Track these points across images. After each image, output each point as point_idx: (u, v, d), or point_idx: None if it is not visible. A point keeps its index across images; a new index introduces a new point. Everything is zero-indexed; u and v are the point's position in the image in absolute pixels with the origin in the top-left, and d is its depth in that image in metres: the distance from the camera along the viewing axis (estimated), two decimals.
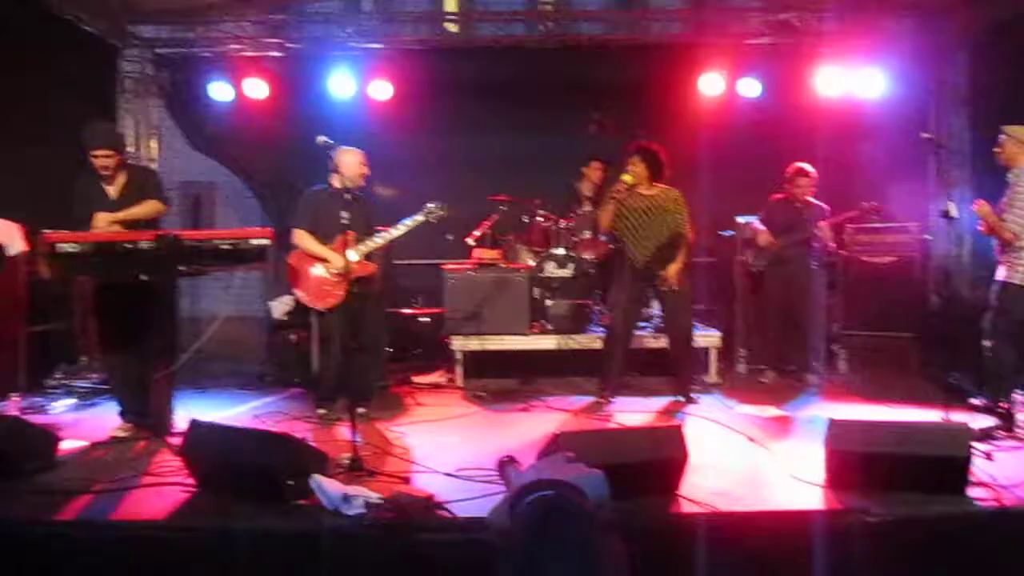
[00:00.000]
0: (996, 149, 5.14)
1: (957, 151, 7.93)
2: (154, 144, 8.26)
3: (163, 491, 3.80)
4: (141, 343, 4.80)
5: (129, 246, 4.50)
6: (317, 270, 5.37)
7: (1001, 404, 4.83)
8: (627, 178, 5.70)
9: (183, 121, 8.41)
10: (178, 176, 8.77)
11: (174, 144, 8.57)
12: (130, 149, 7.40)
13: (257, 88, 7.79)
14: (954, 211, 4.87)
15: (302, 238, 5.40)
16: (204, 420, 4.08)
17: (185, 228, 7.72)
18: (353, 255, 5.27)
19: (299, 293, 5.45)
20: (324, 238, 5.39)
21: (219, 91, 7.84)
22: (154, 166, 7.78)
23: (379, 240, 5.48)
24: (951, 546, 3.38)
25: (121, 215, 4.82)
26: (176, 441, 4.24)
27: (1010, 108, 6.23)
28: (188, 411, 4.69)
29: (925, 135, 5.33)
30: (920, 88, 7.97)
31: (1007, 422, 4.67)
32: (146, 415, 4.85)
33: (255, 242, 4.68)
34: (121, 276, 4.64)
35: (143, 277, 4.58)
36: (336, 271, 5.29)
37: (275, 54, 7.98)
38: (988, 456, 4.15)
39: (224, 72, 7.82)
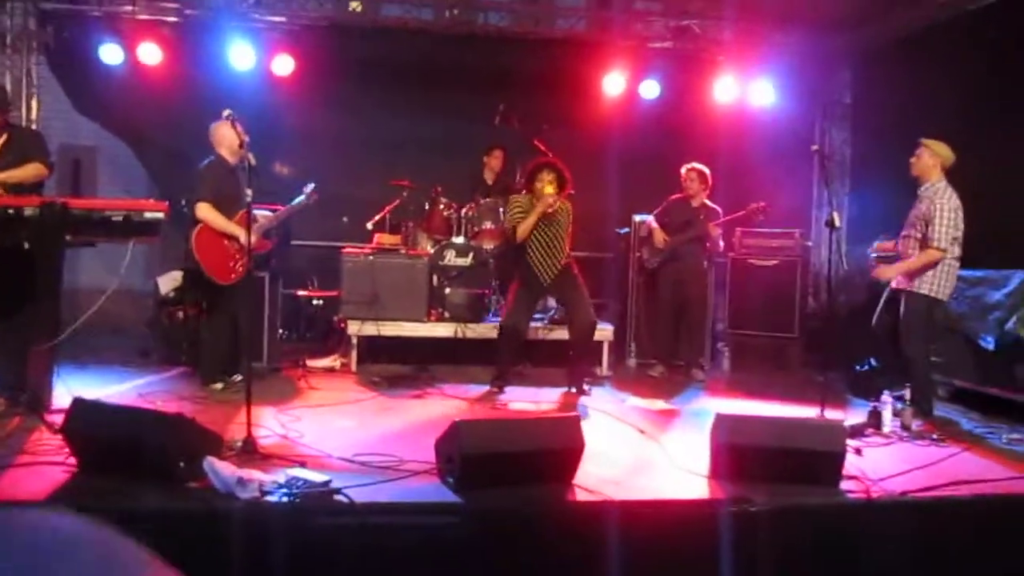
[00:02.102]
0: (911, 159, 5.31)
1: (838, 163, 8.40)
2: (34, 103, 7.79)
3: (42, 470, 3.61)
4: (20, 314, 4.55)
5: (12, 212, 4.26)
6: (223, 244, 5.34)
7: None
8: (551, 189, 5.75)
9: (68, 82, 7.95)
10: (59, 137, 8.31)
11: (55, 105, 8.10)
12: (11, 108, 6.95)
13: (151, 53, 7.45)
14: (838, 221, 5.15)
15: (208, 211, 5.35)
16: (89, 398, 3.91)
17: (64, 193, 7.38)
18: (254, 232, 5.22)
19: (204, 267, 5.35)
20: (226, 214, 5.39)
21: (109, 53, 7.45)
22: (34, 126, 7.35)
23: (270, 218, 5.55)
24: (825, 534, 3.61)
25: (1, 176, 4.54)
26: (55, 419, 4.04)
27: (890, 126, 6.66)
28: (68, 388, 4.48)
29: (814, 147, 5.61)
30: (807, 101, 8.40)
31: (875, 420, 4.98)
32: (22, 390, 4.59)
33: (149, 215, 4.52)
34: (1, 243, 4.38)
35: (26, 245, 4.34)
36: (243, 246, 5.21)
37: (171, 19, 7.66)
38: (858, 451, 4.44)
39: (115, 34, 7.43)
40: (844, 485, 3.86)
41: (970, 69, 6.39)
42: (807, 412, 5.20)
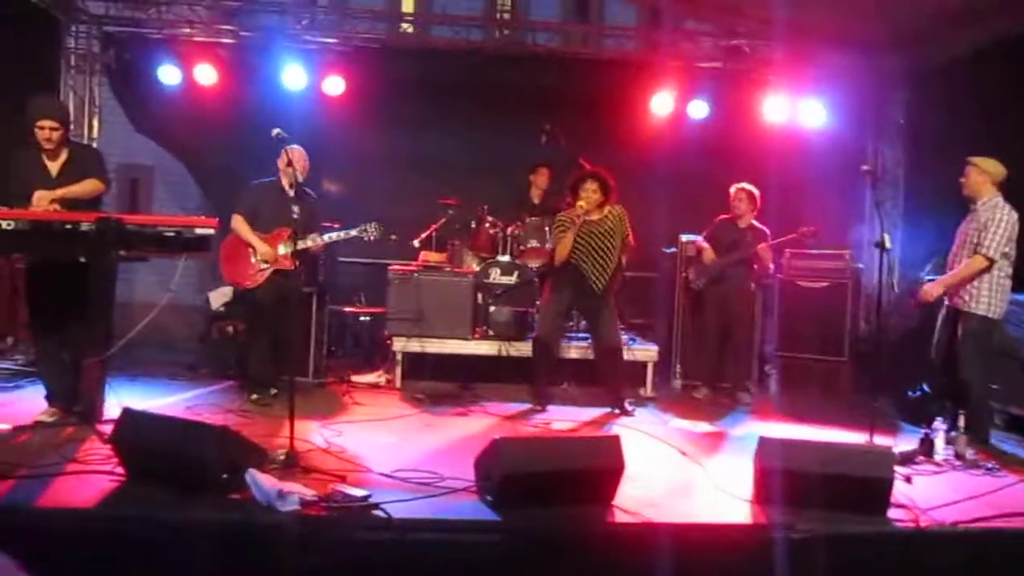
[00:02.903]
0: (961, 179, 5.29)
1: (891, 184, 8.24)
2: (96, 123, 8.05)
3: (91, 479, 3.70)
4: (74, 327, 4.68)
5: (69, 226, 4.38)
6: (245, 253, 5.65)
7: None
8: (583, 204, 5.76)
9: (127, 102, 8.20)
10: (118, 157, 8.57)
11: (116, 124, 8.36)
12: (73, 127, 7.18)
13: (207, 74, 7.64)
14: (888, 242, 5.06)
15: (238, 223, 5.67)
16: (138, 409, 4.00)
17: (122, 210, 7.57)
18: (282, 248, 5.63)
19: (223, 270, 5.74)
20: (262, 229, 5.68)
21: (167, 74, 7.66)
22: (94, 145, 7.58)
23: (310, 241, 5.71)
24: (871, 564, 3.51)
25: (61, 192, 4.69)
26: (106, 429, 4.14)
27: (943, 146, 6.52)
28: (119, 399, 4.58)
29: (865, 168, 5.53)
30: (860, 121, 8.26)
31: (927, 448, 4.85)
32: (74, 401, 4.72)
33: (199, 231, 4.62)
34: (58, 256, 4.52)
35: (81, 259, 4.46)
36: (260, 259, 5.63)
37: (227, 41, 7.86)
38: (908, 479, 4.32)
39: (173, 55, 7.65)
40: (892, 513, 3.76)
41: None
42: (856, 438, 5.09)
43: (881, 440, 4.84)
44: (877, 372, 6.28)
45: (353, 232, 5.86)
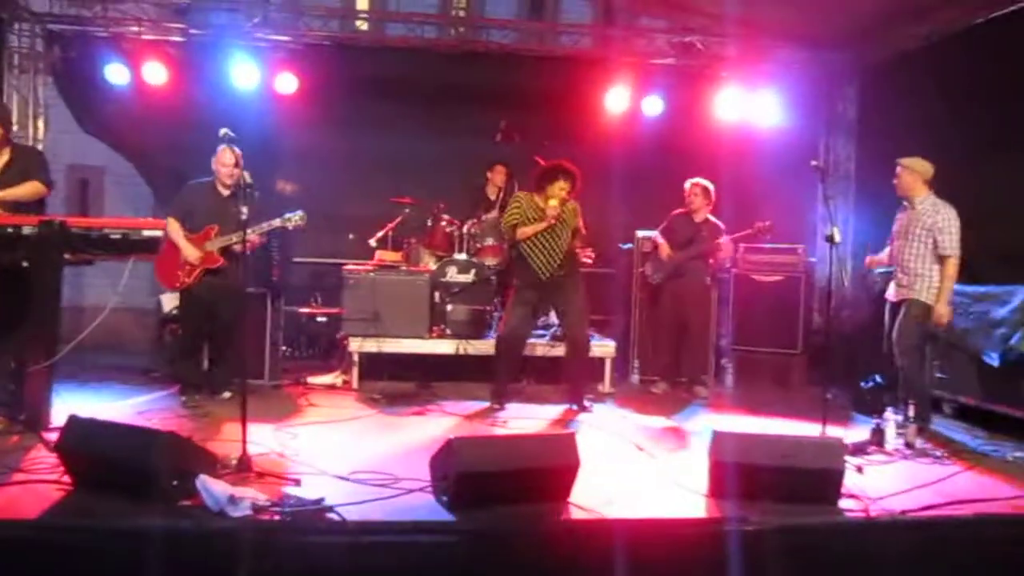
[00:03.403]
0: (894, 181, 5.53)
1: (843, 178, 8.36)
2: (40, 124, 7.85)
3: (37, 488, 3.62)
4: (17, 332, 4.57)
5: (11, 230, 4.29)
6: (174, 254, 5.60)
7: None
8: (555, 204, 5.76)
9: (74, 102, 8.00)
10: (66, 159, 8.39)
11: (62, 125, 8.16)
12: (15, 128, 6.99)
13: (156, 73, 7.49)
14: (837, 236, 5.14)
15: (170, 225, 5.62)
16: (84, 416, 3.91)
17: (72, 212, 7.43)
18: (208, 246, 5.60)
19: (155, 273, 5.72)
20: (194, 228, 5.67)
21: (115, 73, 7.50)
22: (40, 147, 7.39)
23: (235, 237, 5.55)
24: (823, 554, 3.55)
25: (1, 195, 4.58)
26: (52, 437, 4.05)
27: (894, 140, 6.62)
28: (67, 406, 4.48)
29: (814, 163, 5.61)
30: (812, 117, 8.36)
31: (878, 438, 4.93)
32: (19, 408, 4.60)
33: (147, 233, 4.58)
34: (0, 261, 4.41)
35: (24, 263, 4.36)
36: (185, 259, 5.58)
37: (176, 39, 7.72)
38: (859, 469, 4.39)
39: (121, 54, 7.48)
40: (844, 504, 3.82)
41: (974, 83, 6.36)
42: (810, 429, 5.16)
43: (834, 431, 4.90)
44: (830, 364, 6.37)
45: (276, 222, 5.70)
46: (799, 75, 8.20)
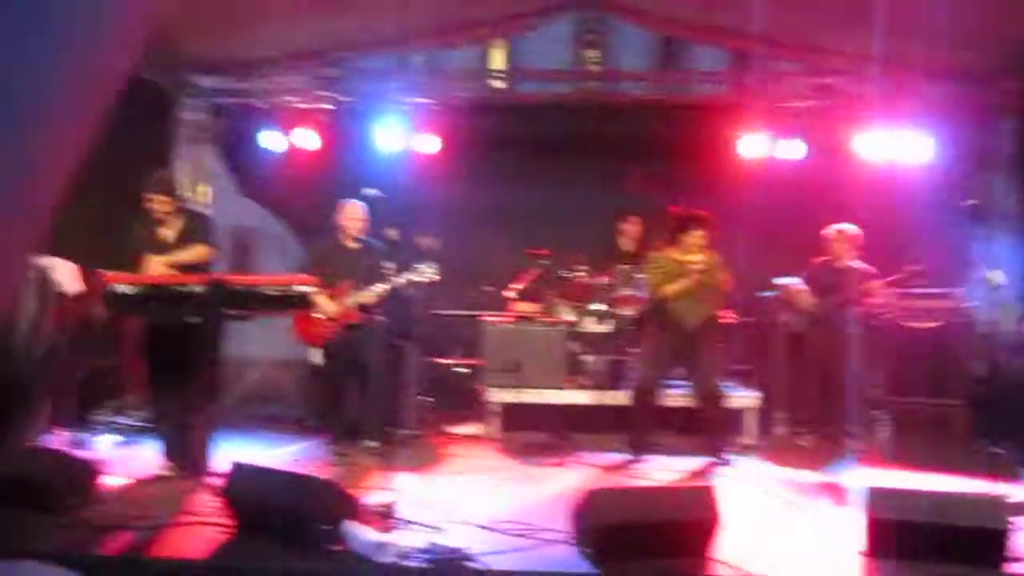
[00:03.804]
0: None
1: (1000, 217, 7.87)
2: (208, 189, 8.50)
3: (203, 531, 3.86)
4: (185, 384, 4.91)
5: (181, 289, 4.65)
6: (309, 312, 5.68)
7: None
8: (697, 257, 5.75)
9: (235, 167, 8.66)
10: (228, 220, 9.00)
11: (226, 189, 8.81)
12: (187, 193, 7.60)
13: (307, 138, 8.01)
14: (997, 279, 4.84)
15: None
16: (247, 462, 4.14)
17: (232, 270, 7.94)
18: (347, 302, 5.74)
19: (294, 330, 5.85)
20: (326, 284, 5.72)
21: (270, 140, 8.07)
22: (208, 211, 7.99)
23: (372, 292, 5.76)
24: None
25: (173, 259, 4.99)
26: (216, 482, 4.31)
27: None
28: (227, 453, 4.76)
29: (969, 202, 5.33)
30: (964, 154, 7.94)
31: None
32: (187, 455, 4.93)
33: (299, 289, 4.83)
34: (171, 317, 4.78)
35: (191, 320, 4.71)
36: (322, 315, 5.70)
37: (326, 106, 8.22)
38: None
39: (276, 122, 8.06)
40: (1012, 568, 3.54)
41: None
42: (974, 487, 4.82)
43: (1003, 488, 4.55)
44: (995, 416, 5.94)
45: (411, 276, 5.84)
46: (946, 111, 7.82)
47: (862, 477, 5.24)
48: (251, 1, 6.52)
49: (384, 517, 4.01)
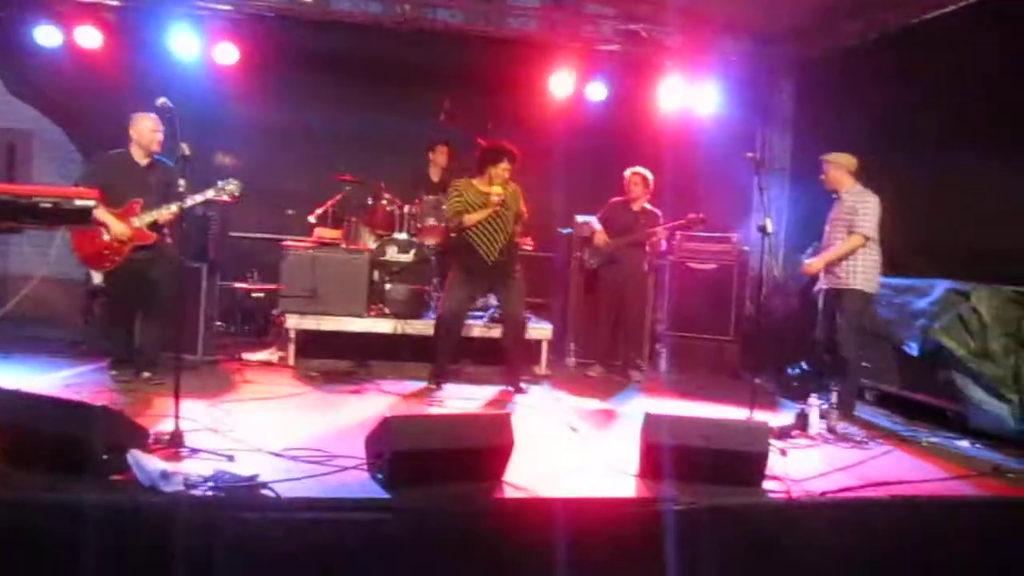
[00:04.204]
0: (821, 176, 5.81)
1: (778, 170, 8.56)
2: None
3: None
4: None
5: None
6: (96, 233, 5.25)
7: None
8: (497, 189, 5.81)
9: (4, 63, 7.73)
10: None
11: None
12: None
13: (90, 37, 7.28)
14: (770, 226, 5.28)
15: None
16: (5, 387, 3.81)
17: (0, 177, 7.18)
18: (136, 222, 5.32)
19: (76, 254, 5.34)
20: (114, 203, 5.31)
21: (46, 35, 7.26)
22: None
23: (166, 211, 5.38)
24: (747, 534, 3.70)
25: None
26: None
27: (829, 134, 6.82)
28: None
29: (749, 154, 5.74)
30: (750, 109, 8.53)
31: (802, 423, 5.11)
32: None
33: (79, 203, 4.44)
34: None
35: None
36: (113, 237, 5.27)
37: (113, 3, 7.49)
38: (783, 452, 4.55)
39: (53, 15, 7.25)
40: (767, 485, 3.96)
41: (905, 81, 6.59)
42: (738, 414, 5.31)
43: (761, 416, 5.06)
44: (760, 351, 6.56)
45: (210, 193, 5.45)
46: (740, 67, 8.35)
47: (642, 405, 5.64)
48: None
49: (171, 445, 3.85)
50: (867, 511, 3.91)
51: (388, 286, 6.85)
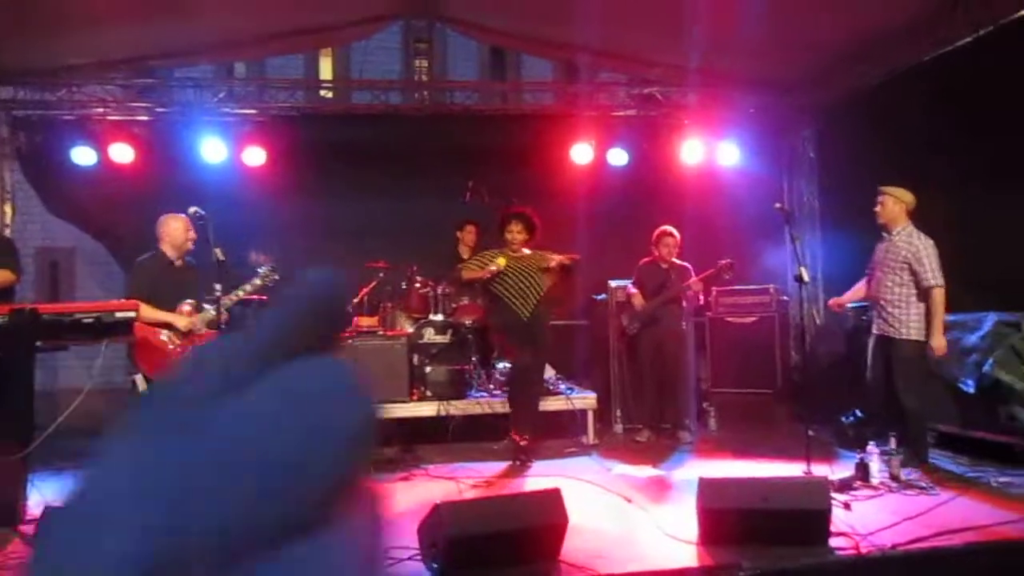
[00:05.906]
0: (876, 209, 5.53)
1: (807, 216, 8.52)
2: (8, 209, 7.83)
3: None
4: None
5: None
6: (162, 339, 5.17)
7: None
8: (501, 262, 5.96)
9: (41, 185, 8.01)
10: (35, 242, 8.36)
11: (30, 209, 8.15)
12: None
13: (123, 153, 7.54)
14: (806, 275, 5.21)
15: (142, 309, 5.04)
16: (60, 506, 3.82)
17: (42, 295, 7.37)
18: (198, 322, 5.24)
19: (141, 366, 5.07)
20: (163, 307, 5.23)
21: (82, 155, 7.53)
22: (8, 232, 7.37)
23: (222, 308, 5.30)
24: None
25: None
26: (29, 530, 3.96)
27: (853, 176, 6.79)
28: (43, 496, 4.40)
29: (777, 205, 5.70)
30: (773, 157, 8.55)
31: (863, 472, 4.95)
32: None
33: (120, 315, 4.51)
34: None
35: None
36: (184, 328, 5.19)
37: (143, 118, 7.78)
38: (847, 506, 4.40)
39: (88, 136, 7.53)
40: (834, 542, 3.82)
41: (923, 118, 6.54)
42: (795, 468, 5.17)
43: (818, 468, 4.91)
44: (809, 401, 6.40)
45: (256, 282, 5.48)
46: (758, 118, 8.40)
47: (696, 469, 5.52)
48: (53, 6, 6.07)
49: None
50: (940, 561, 3.74)
51: (428, 368, 6.85)
